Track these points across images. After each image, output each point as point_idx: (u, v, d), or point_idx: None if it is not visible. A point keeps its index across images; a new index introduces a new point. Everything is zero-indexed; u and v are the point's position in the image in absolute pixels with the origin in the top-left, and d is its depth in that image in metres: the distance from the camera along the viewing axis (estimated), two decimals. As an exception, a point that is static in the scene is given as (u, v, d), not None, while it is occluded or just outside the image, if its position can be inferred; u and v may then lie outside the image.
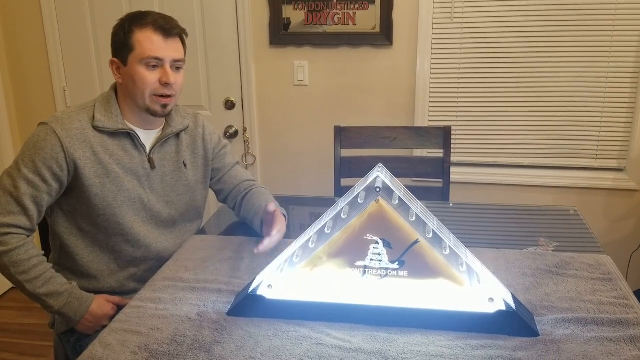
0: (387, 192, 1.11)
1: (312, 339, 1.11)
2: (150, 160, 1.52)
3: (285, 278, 1.18)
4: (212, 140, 1.67)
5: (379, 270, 1.15)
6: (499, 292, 1.12)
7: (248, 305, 1.19)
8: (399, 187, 1.16)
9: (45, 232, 1.61)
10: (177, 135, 1.59)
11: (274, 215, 1.45)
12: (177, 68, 1.47)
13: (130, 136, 1.49)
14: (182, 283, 1.34)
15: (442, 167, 2.15)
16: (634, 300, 1.22)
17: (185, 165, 1.59)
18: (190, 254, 1.50)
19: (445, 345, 1.08)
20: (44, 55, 2.78)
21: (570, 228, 1.67)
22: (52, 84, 2.82)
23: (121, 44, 1.44)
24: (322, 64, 2.60)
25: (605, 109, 2.46)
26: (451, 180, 2.17)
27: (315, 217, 1.80)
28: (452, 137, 2.18)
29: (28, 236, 1.42)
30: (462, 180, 2.59)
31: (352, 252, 1.15)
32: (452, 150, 2.17)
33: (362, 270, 1.15)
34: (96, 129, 1.45)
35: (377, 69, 2.56)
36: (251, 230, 1.65)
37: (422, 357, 1.05)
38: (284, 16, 2.55)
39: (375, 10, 2.48)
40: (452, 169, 2.20)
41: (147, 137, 1.53)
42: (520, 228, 1.70)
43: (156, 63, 1.42)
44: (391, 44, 2.51)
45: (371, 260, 1.14)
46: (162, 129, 1.56)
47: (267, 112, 2.72)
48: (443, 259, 1.12)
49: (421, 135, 2.18)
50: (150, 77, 1.43)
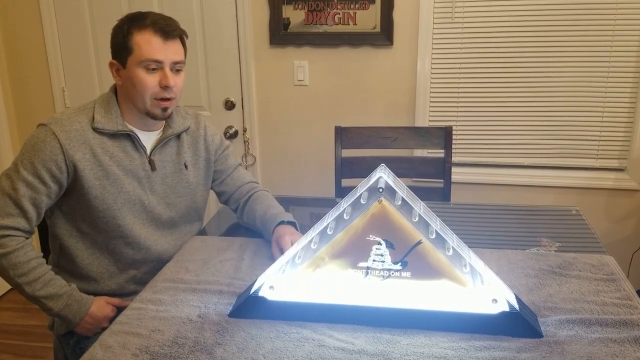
0: (390, 192, 1.11)
1: (314, 340, 1.11)
2: (150, 162, 1.51)
3: (287, 279, 1.17)
4: (214, 142, 1.66)
5: (382, 271, 1.14)
6: (503, 293, 1.11)
7: (250, 307, 1.18)
8: (401, 188, 1.15)
9: (45, 234, 1.60)
10: (178, 136, 1.58)
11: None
12: (177, 70, 1.45)
13: (131, 137, 1.48)
14: (183, 284, 1.33)
15: (443, 167, 2.14)
16: (637, 301, 1.22)
17: (186, 166, 1.58)
18: (191, 255, 1.49)
19: (449, 347, 1.08)
20: (42, 56, 2.78)
21: (572, 228, 1.67)
22: (51, 84, 2.81)
23: (120, 46, 1.42)
24: (322, 64, 2.59)
25: (606, 109, 2.45)
26: (452, 180, 2.16)
27: (316, 217, 1.80)
28: (453, 137, 2.17)
29: (27, 238, 1.41)
30: (463, 181, 2.59)
31: (354, 253, 1.14)
32: (453, 151, 2.17)
33: (364, 271, 1.15)
34: (96, 130, 1.44)
35: (377, 69, 2.56)
36: (252, 231, 1.64)
37: (426, 359, 1.04)
38: (284, 16, 2.54)
39: (375, 10, 2.47)
40: (453, 169, 2.19)
41: (148, 139, 1.52)
42: (522, 228, 1.70)
43: (155, 66, 1.41)
44: (392, 43, 2.51)
45: (374, 261, 1.14)
46: (163, 130, 1.55)
47: (267, 112, 2.71)
48: (446, 259, 1.11)
49: (422, 135, 2.18)
50: (150, 80, 1.41)
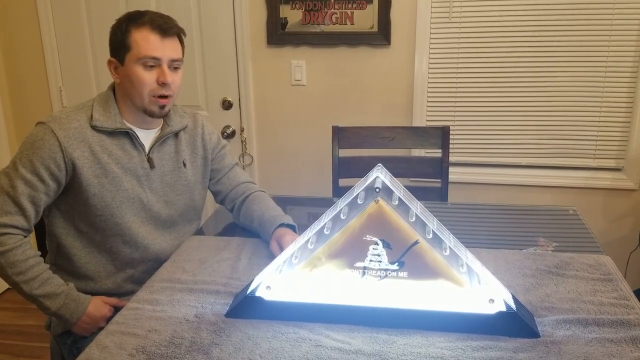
0: (387, 192, 1.11)
1: (311, 340, 1.10)
2: (149, 160, 1.51)
3: (284, 279, 1.17)
4: (212, 140, 1.66)
5: (379, 271, 1.14)
6: (500, 293, 1.11)
7: (246, 307, 1.18)
8: (398, 188, 1.15)
9: (42, 232, 1.59)
10: (176, 134, 1.58)
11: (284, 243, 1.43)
12: (175, 68, 1.46)
13: (129, 135, 1.48)
14: (179, 284, 1.33)
15: (440, 167, 2.14)
16: (634, 301, 1.22)
17: (184, 164, 1.58)
18: (188, 255, 1.49)
19: (446, 347, 1.08)
20: (40, 55, 2.77)
21: (569, 228, 1.67)
22: (48, 84, 2.80)
23: (118, 44, 1.43)
24: (319, 64, 2.59)
25: (603, 109, 2.45)
26: (449, 180, 2.16)
27: (313, 217, 1.80)
28: (451, 137, 2.17)
29: (25, 236, 1.41)
30: (461, 180, 2.59)
31: (351, 253, 1.14)
32: (450, 150, 2.17)
33: (361, 271, 1.15)
34: (94, 128, 1.44)
35: (375, 69, 2.56)
36: (249, 231, 1.64)
37: (422, 359, 1.04)
38: (281, 16, 2.54)
39: (373, 10, 2.47)
40: (451, 169, 2.19)
41: (146, 137, 1.52)
42: (519, 228, 1.70)
43: (153, 63, 1.41)
44: (389, 43, 2.51)
45: (371, 261, 1.14)
46: (161, 129, 1.55)
47: (265, 112, 2.71)
48: (443, 259, 1.11)
49: (419, 135, 2.18)
50: (148, 77, 1.42)
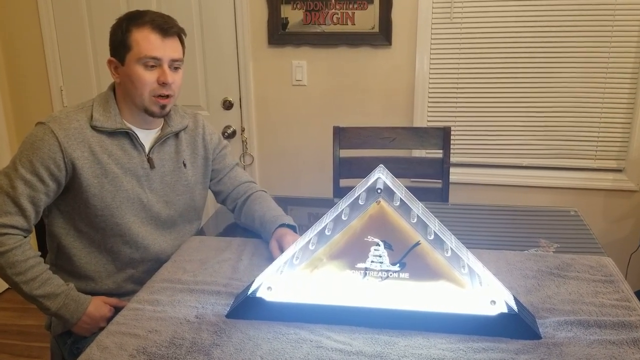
0: (388, 193, 1.10)
1: (312, 341, 1.10)
2: (149, 160, 1.51)
3: (285, 280, 1.17)
4: (213, 140, 1.66)
5: (380, 272, 1.14)
6: (501, 294, 1.11)
7: (247, 308, 1.18)
8: (400, 189, 1.15)
9: (42, 233, 1.59)
10: (177, 135, 1.58)
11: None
12: (175, 68, 1.45)
13: (129, 136, 1.48)
14: (180, 285, 1.32)
15: (441, 168, 2.14)
16: (635, 302, 1.22)
17: (184, 165, 1.58)
18: (189, 255, 1.49)
19: (447, 348, 1.07)
20: (40, 54, 2.77)
21: (570, 229, 1.67)
22: (49, 83, 2.80)
23: (119, 43, 1.43)
24: (320, 64, 2.59)
25: (604, 110, 2.45)
26: (450, 180, 2.16)
27: (314, 217, 1.80)
28: (451, 137, 2.17)
29: (25, 237, 1.40)
30: (462, 181, 2.58)
31: (352, 253, 1.13)
32: (451, 151, 2.17)
33: (362, 272, 1.14)
34: (94, 128, 1.44)
35: (375, 69, 2.56)
36: (250, 231, 1.64)
37: (424, 360, 1.04)
38: (282, 16, 2.54)
39: (374, 10, 2.47)
40: (452, 170, 2.19)
41: (146, 137, 1.52)
42: (520, 229, 1.70)
43: (154, 63, 1.41)
44: (390, 44, 2.50)
45: (372, 262, 1.13)
46: (161, 129, 1.55)
47: (266, 112, 2.71)
48: (444, 261, 1.11)
49: (420, 135, 2.18)
50: (148, 77, 1.41)
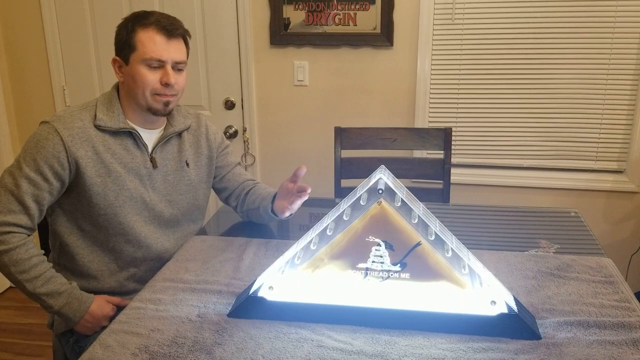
0: (390, 194, 1.11)
1: (313, 341, 1.11)
2: (152, 160, 1.52)
3: (286, 280, 1.18)
4: (216, 139, 1.67)
5: (381, 273, 1.14)
6: (501, 294, 1.12)
7: (249, 307, 1.18)
8: (401, 189, 1.15)
9: (45, 232, 1.60)
10: (179, 134, 1.59)
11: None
12: (179, 69, 1.47)
13: (132, 135, 1.49)
14: (182, 284, 1.33)
15: (442, 169, 2.15)
16: (635, 303, 1.22)
17: (187, 164, 1.59)
18: (191, 255, 1.50)
19: (447, 348, 1.08)
20: (43, 54, 2.78)
21: (571, 230, 1.67)
22: (51, 83, 2.81)
23: (123, 43, 1.44)
24: (322, 65, 2.60)
25: (605, 111, 2.46)
26: (451, 181, 2.16)
27: (315, 218, 1.80)
28: (453, 138, 2.18)
29: (29, 235, 1.41)
30: (462, 182, 2.59)
31: (353, 254, 1.14)
32: (452, 152, 2.17)
33: (363, 272, 1.15)
34: (98, 128, 1.44)
35: (377, 70, 2.56)
36: (252, 231, 1.65)
37: (424, 360, 1.05)
38: (284, 16, 2.54)
39: (375, 11, 2.47)
40: (453, 170, 2.20)
41: (149, 137, 1.53)
42: (521, 230, 1.70)
43: (157, 64, 1.42)
44: (392, 44, 2.51)
45: (373, 262, 1.14)
46: (164, 129, 1.56)
47: (267, 113, 2.71)
48: (445, 261, 1.12)
49: (422, 136, 2.18)
50: (151, 77, 1.42)
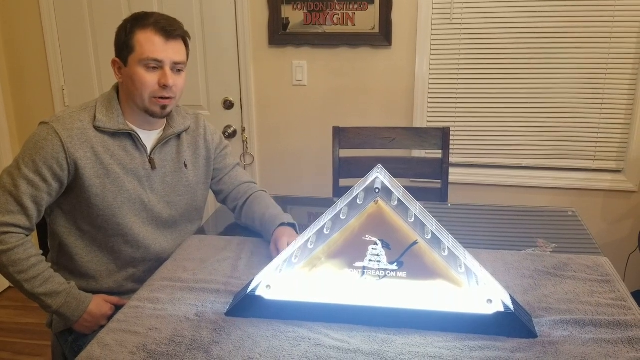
0: (386, 193, 1.12)
1: (310, 339, 1.11)
2: (151, 161, 1.52)
3: (283, 278, 1.18)
4: (214, 141, 1.67)
5: (378, 271, 1.15)
6: (498, 293, 1.12)
7: (246, 306, 1.19)
8: (398, 188, 1.16)
9: (44, 232, 1.60)
10: (178, 136, 1.59)
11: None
12: (178, 70, 1.46)
13: (131, 136, 1.49)
14: (180, 283, 1.34)
15: (440, 168, 2.15)
16: (631, 302, 1.23)
17: (185, 165, 1.59)
18: (189, 254, 1.50)
19: (444, 347, 1.09)
20: (42, 54, 2.78)
21: (568, 229, 1.68)
22: (50, 83, 2.81)
23: (122, 44, 1.44)
24: (321, 64, 2.60)
25: (603, 111, 2.46)
26: (449, 181, 2.17)
27: (313, 217, 1.80)
28: (451, 138, 2.18)
29: (27, 235, 1.42)
30: (461, 181, 2.59)
31: (351, 252, 1.15)
32: (450, 151, 2.17)
33: (360, 271, 1.15)
34: (97, 129, 1.45)
35: (376, 70, 2.57)
36: (250, 230, 1.65)
37: (421, 358, 1.05)
38: (283, 16, 2.55)
39: (374, 11, 2.48)
40: (451, 170, 2.20)
41: (148, 138, 1.53)
42: (518, 229, 1.70)
43: (155, 65, 1.42)
44: (390, 44, 2.51)
45: (370, 261, 1.14)
46: (163, 130, 1.56)
47: (266, 112, 2.72)
48: (442, 260, 1.12)
49: (420, 135, 2.19)
50: (149, 79, 1.42)
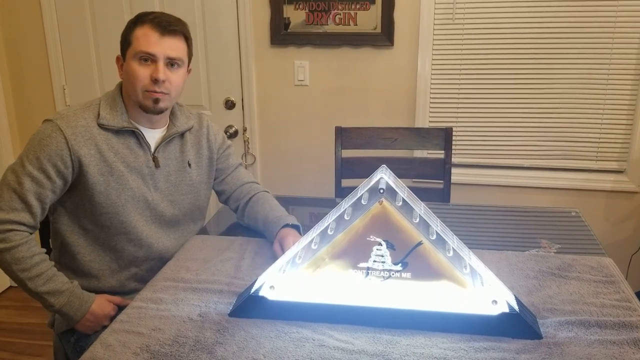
0: (391, 193, 1.11)
1: (314, 340, 1.11)
2: (154, 159, 1.52)
3: (287, 279, 1.18)
4: (217, 141, 1.67)
5: (382, 272, 1.14)
6: (502, 294, 1.12)
7: (250, 306, 1.18)
8: (402, 189, 1.15)
9: (46, 230, 1.60)
10: (182, 135, 1.59)
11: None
12: (173, 65, 1.45)
13: (135, 134, 1.49)
14: (183, 283, 1.33)
15: (443, 168, 2.15)
16: (636, 303, 1.22)
17: (189, 165, 1.59)
18: (192, 254, 1.50)
19: (449, 348, 1.08)
20: (43, 54, 2.77)
21: (572, 230, 1.67)
22: (51, 82, 2.81)
23: (123, 41, 1.46)
24: (322, 64, 2.60)
25: (605, 111, 2.46)
26: (452, 181, 2.16)
27: (315, 217, 1.80)
28: (453, 138, 2.18)
29: (31, 233, 1.41)
30: (463, 182, 2.59)
31: (355, 253, 1.14)
32: (452, 152, 2.17)
33: (365, 271, 1.15)
34: (101, 126, 1.45)
35: (378, 70, 2.56)
36: (253, 230, 1.65)
37: (425, 359, 1.05)
38: (284, 16, 2.54)
39: (376, 11, 2.47)
40: (453, 170, 2.20)
41: (152, 136, 1.53)
42: (522, 230, 1.70)
43: (148, 57, 1.42)
44: (392, 44, 2.51)
45: (374, 261, 1.14)
46: (167, 128, 1.56)
47: (268, 112, 2.71)
48: (446, 260, 1.12)
49: (422, 136, 2.18)
50: (142, 72, 1.42)
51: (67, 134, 1.39)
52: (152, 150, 1.52)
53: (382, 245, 1.13)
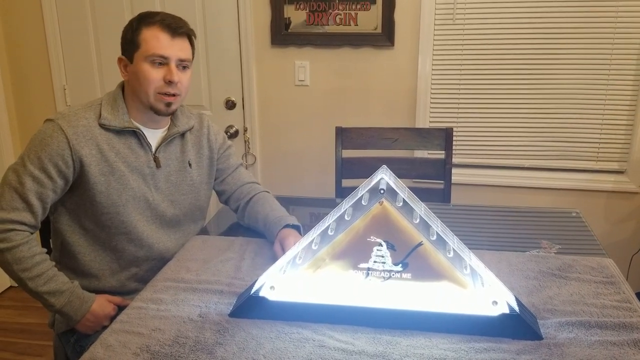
0: (391, 194, 1.11)
1: (314, 341, 1.11)
2: (155, 159, 1.52)
3: (287, 279, 1.18)
4: (217, 141, 1.67)
5: (383, 273, 1.14)
6: (503, 295, 1.12)
7: (250, 307, 1.18)
8: (403, 189, 1.15)
9: (46, 230, 1.60)
10: (182, 135, 1.59)
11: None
12: (183, 67, 1.47)
13: (136, 135, 1.49)
14: (183, 284, 1.33)
15: (443, 169, 2.15)
16: (636, 304, 1.22)
17: (190, 165, 1.59)
18: (192, 255, 1.50)
19: (449, 348, 1.08)
20: (44, 54, 2.78)
21: (572, 231, 1.67)
22: (52, 83, 2.81)
23: (128, 42, 1.45)
24: (323, 64, 2.60)
25: (606, 111, 2.46)
26: (452, 181, 2.16)
27: (316, 217, 1.80)
28: (454, 138, 2.18)
29: (32, 233, 1.41)
30: (463, 182, 2.59)
31: (355, 254, 1.14)
32: (453, 152, 2.17)
33: (365, 272, 1.15)
34: (102, 126, 1.45)
35: (378, 70, 2.56)
36: (253, 231, 1.65)
37: (426, 360, 1.05)
38: (285, 16, 2.54)
39: (376, 11, 2.47)
40: (454, 171, 2.20)
41: (153, 136, 1.53)
42: (522, 230, 1.70)
43: (161, 61, 1.43)
44: (393, 44, 2.51)
45: (374, 262, 1.14)
46: (168, 129, 1.56)
47: (268, 112, 2.71)
48: (447, 261, 1.12)
49: (423, 136, 2.18)
50: (155, 75, 1.43)
51: (69, 133, 1.39)
52: (153, 150, 1.52)
53: (382, 245, 1.13)
